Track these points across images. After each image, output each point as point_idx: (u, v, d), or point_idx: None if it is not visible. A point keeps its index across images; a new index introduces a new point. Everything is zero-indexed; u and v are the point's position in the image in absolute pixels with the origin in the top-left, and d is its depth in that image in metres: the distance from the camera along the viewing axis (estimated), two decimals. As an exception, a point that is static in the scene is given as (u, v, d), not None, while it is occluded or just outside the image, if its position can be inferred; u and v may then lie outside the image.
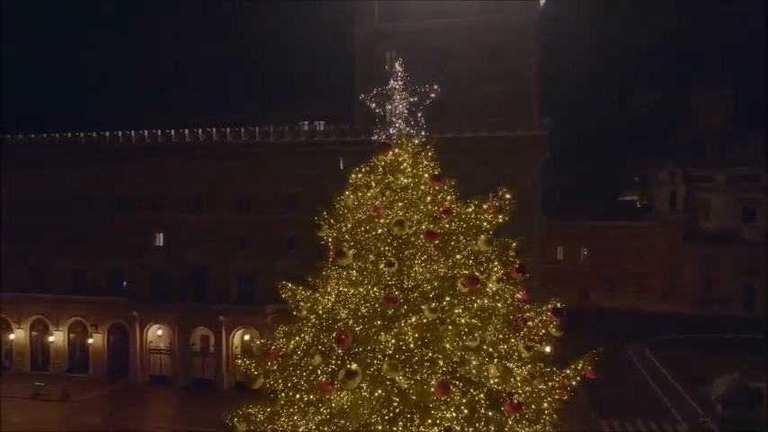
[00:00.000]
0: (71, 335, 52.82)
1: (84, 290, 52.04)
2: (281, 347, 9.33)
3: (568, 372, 9.36)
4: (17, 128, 55.16)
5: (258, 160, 48.69)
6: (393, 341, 8.27)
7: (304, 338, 9.15)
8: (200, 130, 50.01)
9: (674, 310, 70.81)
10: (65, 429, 42.15)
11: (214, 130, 49.85)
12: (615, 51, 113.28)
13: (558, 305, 9.76)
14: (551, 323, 9.67)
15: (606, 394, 46.11)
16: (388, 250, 9.00)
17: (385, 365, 7.98)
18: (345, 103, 51.29)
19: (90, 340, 51.66)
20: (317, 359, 8.54)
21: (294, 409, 8.68)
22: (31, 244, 52.75)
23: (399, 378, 8.17)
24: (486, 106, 46.30)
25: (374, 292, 8.89)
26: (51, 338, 52.55)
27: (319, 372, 8.46)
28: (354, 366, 7.88)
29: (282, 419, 8.79)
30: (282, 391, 8.97)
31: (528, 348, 9.20)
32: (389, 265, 8.79)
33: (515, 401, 8.23)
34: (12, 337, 53.68)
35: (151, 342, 50.47)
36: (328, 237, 9.69)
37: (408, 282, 9.06)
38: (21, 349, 53.82)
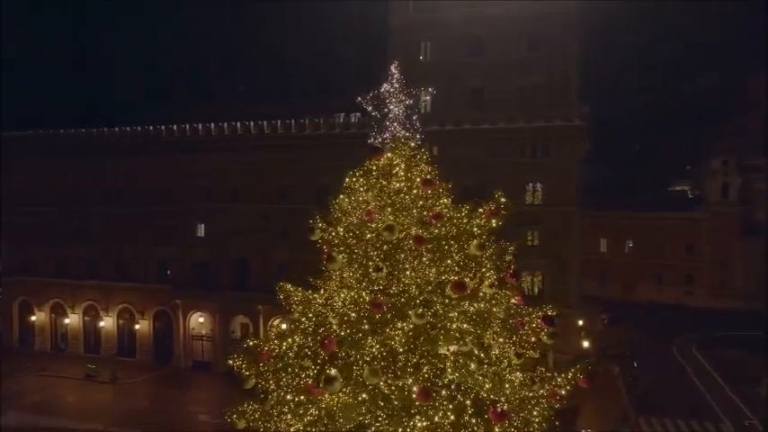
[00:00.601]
0: (120, 320, 55.48)
1: (132, 278, 54.27)
2: (275, 348, 9.56)
3: (559, 381, 9.18)
4: (76, 122, 57.77)
5: (295, 153, 49.31)
6: (377, 346, 8.34)
7: (295, 340, 9.35)
8: (238, 124, 51.08)
9: (725, 306, 67.87)
10: (114, 410, 44.49)
11: (252, 123, 50.80)
12: (661, 35, 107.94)
13: (549, 312, 9.57)
14: (542, 331, 9.50)
15: (648, 392, 44.93)
16: (377, 255, 9.05)
17: (366, 371, 8.07)
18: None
19: (137, 326, 54.12)
20: (307, 362, 8.72)
21: (286, 408, 8.90)
22: (84, 233, 55.45)
23: (381, 384, 8.24)
24: (524, 96, 45.23)
25: (363, 297, 8.96)
26: (102, 323, 55.37)
27: (303, 375, 8.64)
28: (333, 372, 8.02)
29: (275, 418, 9.03)
30: (274, 391, 9.21)
31: (518, 355, 9.09)
32: (377, 269, 8.84)
33: (499, 410, 8.17)
34: (67, 321, 56.89)
35: (193, 329, 52.42)
36: (322, 240, 9.82)
37: (397, 287, 9.08)
38: (75, 333, 56.97)
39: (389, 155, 10.06)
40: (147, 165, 52.94)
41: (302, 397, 8.72)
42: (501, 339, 9.46)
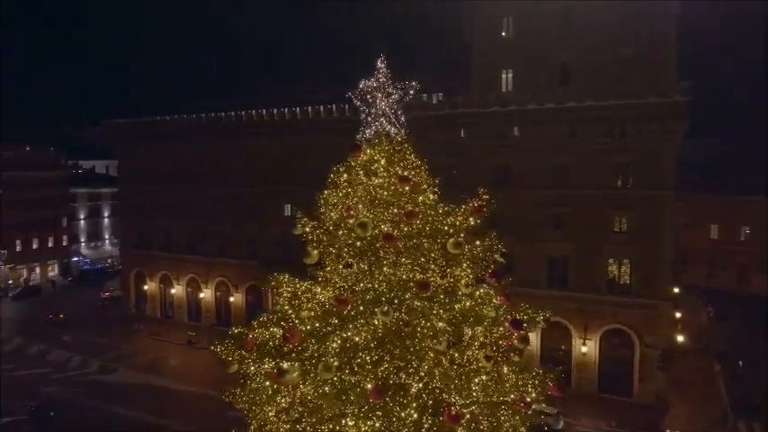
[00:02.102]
0: (217, 293, 60.02)
1: (228, 253, 58.21)
2: (258, 337, 9.99)
3: (529, 388, 8.72)
4: (181, 109, 62.64)
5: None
6: (339, 341, 8.45)
7: (277, 331, 9.70)
8: (321, 108, 52.32)
9: None
10: (210, 375, 48.47)
11: (334, 106, 51.87)
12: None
13: (518, 317, 9.08)
14: (512, 335, 9.05)
15: (753, 394, 40.91)
16: (347, 252, 9.09)
17: (320, 366, 8.23)
18: (463, 72, 50.21)
19: (231, 298, 58.24)
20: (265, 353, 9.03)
21: (263, 395, 9.34)
22: (187, 211, 60.27)
23: (335, 379, 8.36)
24: (615, 71, 42.02)
25: (332, 293, 9.07)
26: (202, 295, 60.25)
27: (267, 367, 8.97)
28: (286, 365, 8.26)
29: (257, 402, 9.50)
30: (255, 376, 9.66)
31: (488, 358, 8.75)
32: (347, 266, 8.89)
33: (453, 412, 7.97)
34: (173, 291, 62.60)
35: (281, 303, 55.35)
36: (304, 235, 10.02)
37: (366, 283, 9.06)
38: (180, 302, 62.58)
39: (369, 151, 9.98)
40: (241, 147, 56.10)
41: (278, 385, 9.09)
42: (493, 338, 9.16)
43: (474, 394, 8.44)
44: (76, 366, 51.09)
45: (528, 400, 8.57)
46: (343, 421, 8.19)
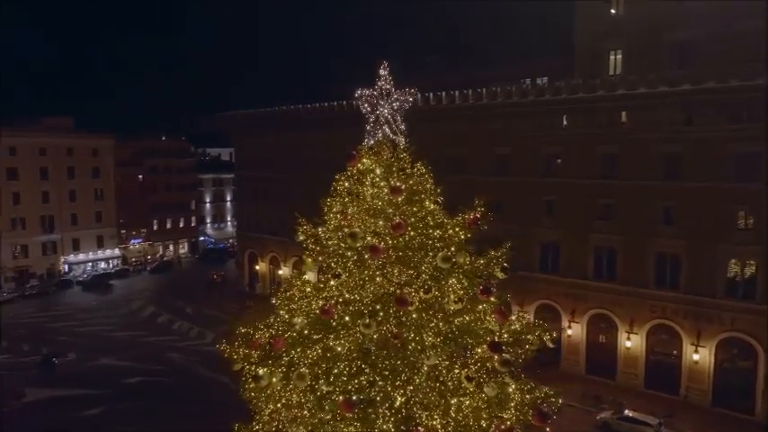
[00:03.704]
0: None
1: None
2: (260, 338, 10.35)
3: (511, 415, 8.13)
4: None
5: (472, 123, 48.55)
6: (319, 351, 8.52)
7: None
8: (431, 95, 50.95)
9: None
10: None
11: (431, 94, 50.89)
12: None
13: (497, 339, 8.45)
14: (493, 357, 8.45)
15: None
16: (336, 262, 9.09)
17: (295, 375, 8.36)
18: (566, 55, 47.34)
19: (331, 282, 60.67)
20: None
21: (262, 394, 9.72)
22: (290, 199, 63.38)
23: (306, 388, 8.44)
24: (741, 48, 37.04)
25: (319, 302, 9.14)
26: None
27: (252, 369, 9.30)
28: (261, 371, 8.49)
29: (263, 398, 9.93)
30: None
31: (469, 379, 8.29)
32: (336, 276, 8.91)
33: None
34: (280, 272, 66.50)
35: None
36: (303, 242, 10.18)
37: (352, 294, 9.00)
38: (287, 282, 66.27)
39: (365, 160, 9.82)
40: (337, 137, 57.58)
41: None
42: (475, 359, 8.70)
43: (452, 414, 8.12)
44: (195, 336, 56.56)
45: (503, 427, 8.04)
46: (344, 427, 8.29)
